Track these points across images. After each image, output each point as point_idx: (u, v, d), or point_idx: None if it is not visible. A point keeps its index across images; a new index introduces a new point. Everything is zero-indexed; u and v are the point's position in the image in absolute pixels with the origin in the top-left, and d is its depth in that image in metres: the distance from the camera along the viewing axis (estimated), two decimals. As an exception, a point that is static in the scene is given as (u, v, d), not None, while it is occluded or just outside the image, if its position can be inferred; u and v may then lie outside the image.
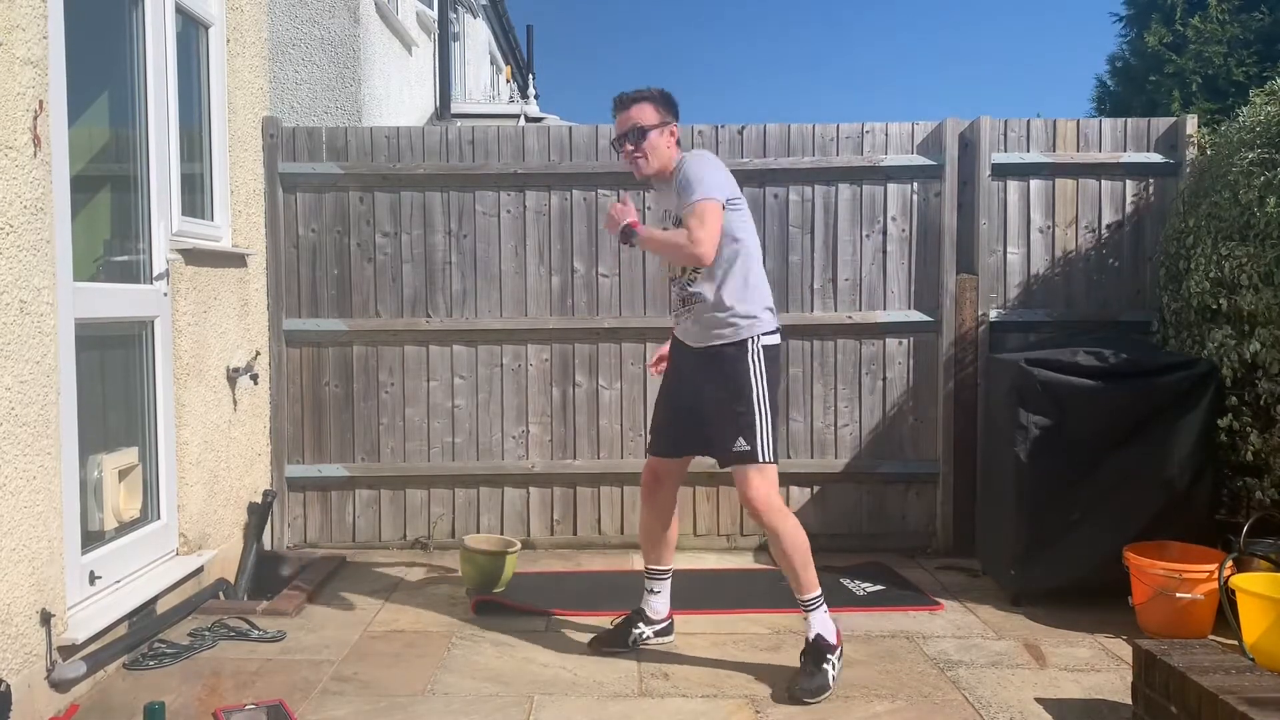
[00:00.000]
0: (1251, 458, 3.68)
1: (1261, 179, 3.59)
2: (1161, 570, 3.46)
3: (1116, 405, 3.73)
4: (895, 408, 4.69)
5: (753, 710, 2.94)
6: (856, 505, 4.72)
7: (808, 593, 3.11)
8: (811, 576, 3.10)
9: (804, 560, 3.09)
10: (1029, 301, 4.62)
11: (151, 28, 3.66)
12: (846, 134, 4.67)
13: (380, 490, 4.74)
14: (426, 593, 4.07)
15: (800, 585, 3.11)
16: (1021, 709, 2.94)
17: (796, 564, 3.08)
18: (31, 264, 2.79)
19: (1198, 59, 6.18)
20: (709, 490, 4.71)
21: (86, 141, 3.50)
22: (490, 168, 4.66)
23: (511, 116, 8.91)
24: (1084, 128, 4.62)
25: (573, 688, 3.10)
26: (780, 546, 3.08)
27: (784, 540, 3.07)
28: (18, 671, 2.71)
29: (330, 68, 6.29)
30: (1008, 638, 3.54)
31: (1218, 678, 2.50)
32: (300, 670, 3.22)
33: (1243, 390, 3.75)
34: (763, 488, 3.08)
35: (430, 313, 4.70)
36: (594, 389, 4.72)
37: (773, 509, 3.09)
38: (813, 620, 3.10)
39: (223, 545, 4.10)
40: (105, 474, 3.32)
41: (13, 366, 2.71)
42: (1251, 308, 3.66)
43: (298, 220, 4.67)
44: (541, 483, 4.74)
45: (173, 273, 3.75)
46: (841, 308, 4.67)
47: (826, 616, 3.12)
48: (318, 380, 4.70)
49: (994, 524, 4.17)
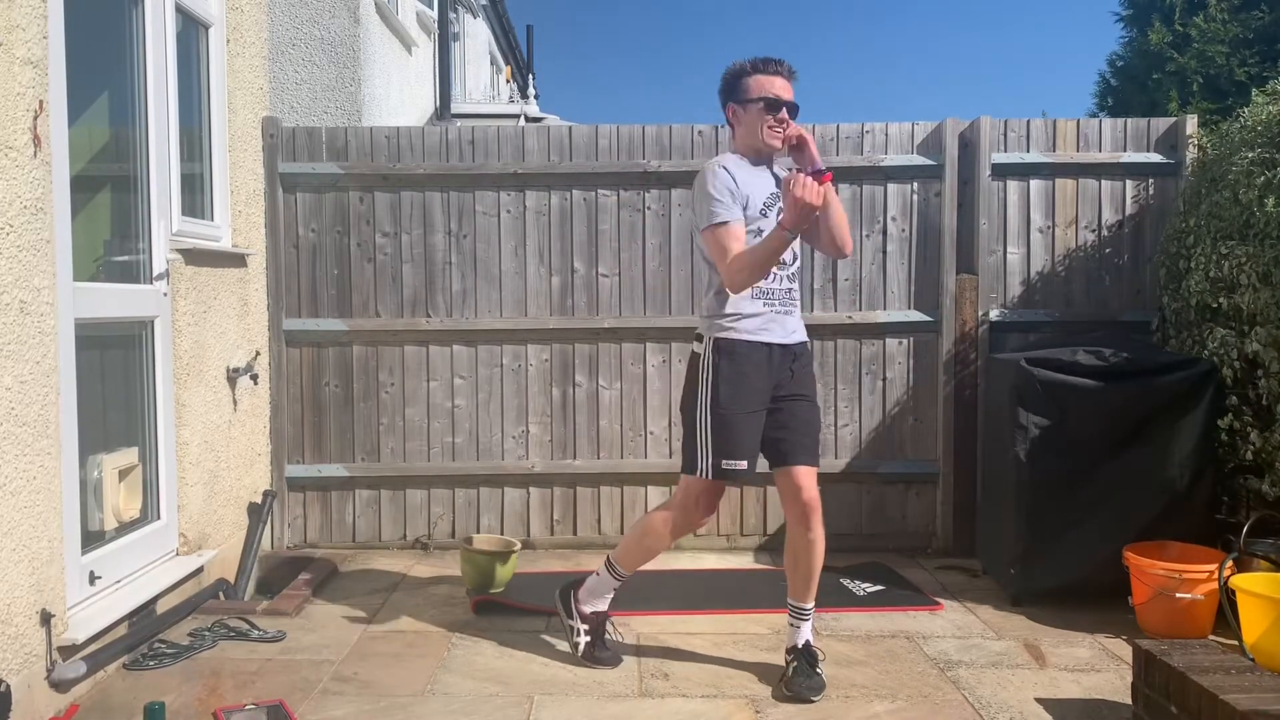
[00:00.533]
0: (1251, 457, 3.68)
1: (1261, 179, 3.59)
2: (1161, 570, 3.46)
3: (1117, 405, 3.73)
4: (895, 408, 4.69)
5: (753, 710, 2.94)
6: (856, 505, 4.72)
7: (810, 601, 3.12)
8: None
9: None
10: (1029, 301, 4.62)
11: (151, 28, 3.66)
12: (846, 134, 4.67)
13: (380, 490, 4.74)
14: (426, 593, 4.08)
15: (812, 593, 3.12)
16: (1021, 709, 2.94)
17: (818, 570, 3.10)
18: (31, 264, 2.79)
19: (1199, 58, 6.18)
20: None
21: (86, 141, 3.50)
22: (490, 168, 4.66)
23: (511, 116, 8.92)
24: (1084, 128, 4.62)
25: (573, 688, 3.10)
26: (819, 551, 3.07)
27: (820, 546, 3.07)
28: (18, 672, 2.71)
29: (330, 68, 6.29)
30: (1008, 638, 3.54)
31: (1218, 678, 2.50)
32: (300, 670, 3.22)
33: (1243, 390, 3.75)
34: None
35: (430, 313, 4.70)
36: (594, 389, 4.72)
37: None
38: (805, 629, 3.12)
39: (223, 545, 4.10)
40: (105, 474, 3.32)
41: (13, 366, 2.71)
42: (1251, 307, 3.66)
43: (298, 220, 4.67)
44: (541, 483, 4.74)
45: (173, 273, 3.75)
46: (841, 308, 4.67)
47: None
48: (318, 380, 4.70)
49: (994, 524, 4.17)
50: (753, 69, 3.03)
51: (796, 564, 3.10)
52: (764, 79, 3.01)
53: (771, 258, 2.91)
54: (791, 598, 3.14)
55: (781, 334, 3.06)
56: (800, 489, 3.04)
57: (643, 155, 4.67)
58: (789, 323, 3.08)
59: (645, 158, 4.67)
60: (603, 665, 3.25)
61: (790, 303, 3.09)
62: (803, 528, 3.05)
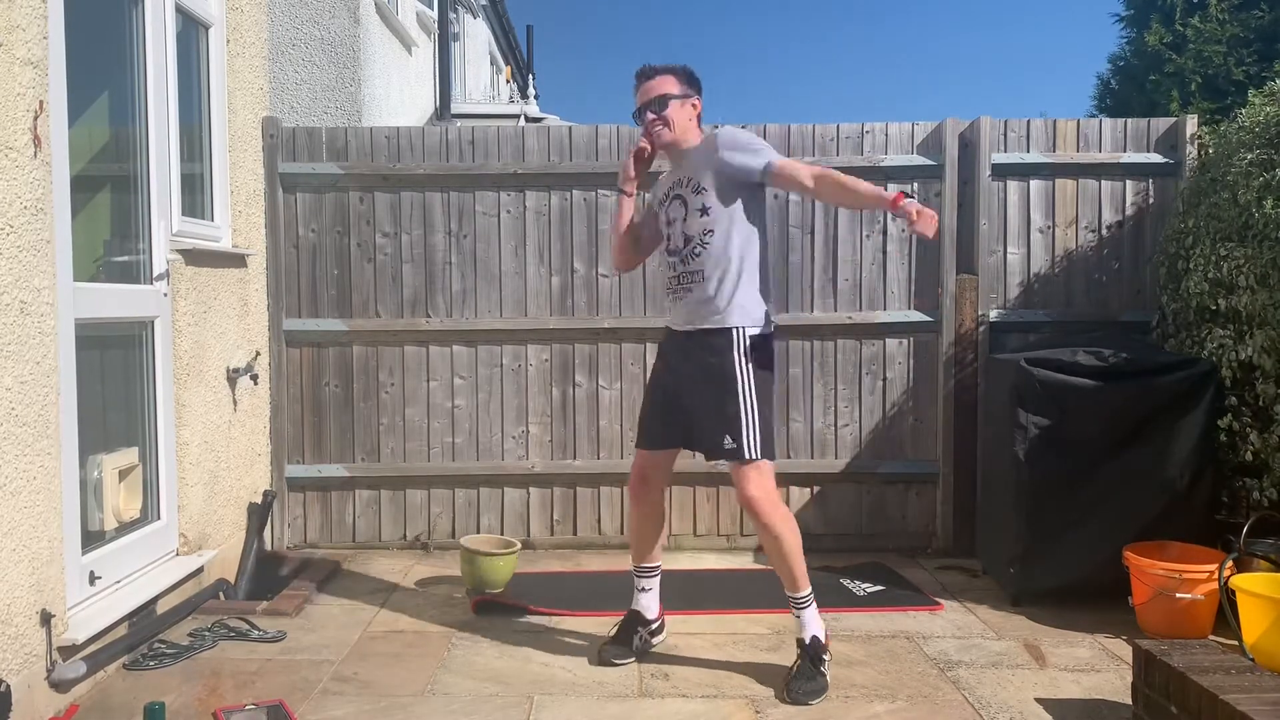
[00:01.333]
0: (1251, 458, 3.68)
1: (1260, 180, 3.59)
2: (1161, 570, 3.46)
3: (1116, 405, 3.73)
4: (895, 408, 4.70)
5: (753, 710, 2.94)
6: (856, 505, 4.72)
7: (802, 589, 3.09)
8: (805, 572, 3.09)
9: (800, 557, 3.08)
10: (1029, 301, 4.62)
11: (151, 28, 3.66)
12: (846, 134, 4.67)
13: (380, 490, 4.74)
14: (426, 593, 4.08)
15: (796, 582, 3.08)
16: (1021, 709, 2.94)
17: (793, 562, 3.07)
18: (31, 264, 2.79)
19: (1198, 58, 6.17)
20: (709, 490, 4.71)
21: (86, 141, 3.50)
22: (490, 168, 4.66)
23: (511, 117, 8.91)
24: (1084, 128, 4.62)
25: (573, 688, 3.10)
26: (770, 540, 3.06)
27: (775, 540, 3.06)
28: (18, 672, 2.71)
29: (330, 68, 6.29)
30: (1008, 638, 3.54)
31: (1218, 678, 2.50)
32: (300, 670, 3.22)
33: (1241, 391, 3.75)
34: (763, 485, 3.08)
35: (430, 313, 4.70)
36: (594, 389, 4.72)
37: (777, 506, 3.10)
38: (806, 619, 3.09)
39: (223, 545, 4.10)
40: (105, 474, 3.32)
41: (13, 367, 2.71)
42: (1249, 309, 3.66)
43: (298, 220, 4.67)
44: (541, 483, 4.74)
45: (173, 273, 3.75)
46: (841, 308, 4.68)
47: (818, 615, 3.12)
48: (318, 380, 4.70)
49: (994, 524, 4.17)
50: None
51: (768, 557, 3.16)
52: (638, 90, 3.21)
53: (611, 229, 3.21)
54: (784, 590, 3.15)
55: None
56: (736, 484, 3.11)
57: (643, 155, 4.67)
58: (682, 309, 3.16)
59: (645, 158, 4.66)
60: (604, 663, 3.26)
61: (683, 290, 3.14)
62: (753, 522, 3.12)
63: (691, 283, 3.09)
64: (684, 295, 3.12)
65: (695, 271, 3.08)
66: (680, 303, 3.15)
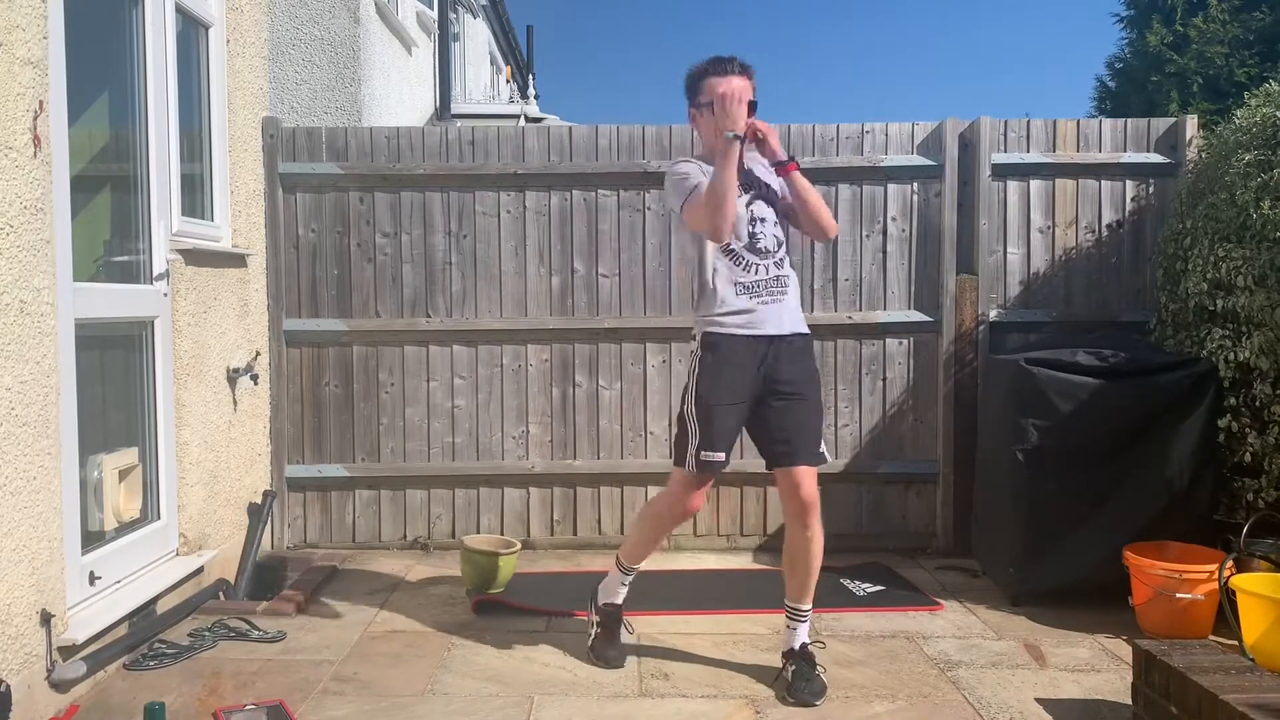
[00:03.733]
0: (1250, 459, 3.68)
1: (1258, 181, 3.60)
2: (1161, 570, 3.46)
3: (1116, 405, 3.73)
4: (895, 408, 4.70)
5: (753, 710, 2.94)
6: (856, 505, 4.72)
7: (810, 601, 3.12)
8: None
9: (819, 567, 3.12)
10: (1029, 301, 4.62)
11: (151, 28, 3.66)
12: (846, 134, 4.67)
13: (380, 490, 4.74)
14: (426, 593, 4.08)
15: (809, 593, 3.11)
16: (1021, 709, 2.94)
17: (816, 570, 3.10)
18: (31, 264, 2.79)
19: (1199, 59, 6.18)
20: (708, 491, 4.69)
21: (86, 141, 3.50)
22: (490, 168, 4.66)
23: (511, 117, 8.92)
24: (1084, 128, 4.62)
25: (573, 688, 3.10)
26: (817, 550, 3.08)
27: (818, 545, 3.08)
28: (18, 672, 2.71)
29: (330, 68, 6.30)
30: (1008, 638, 3.55)
31: (1218, 678, 2.50)
32: (300, 670, 3.22)
33: (1240, 392, 3.75)
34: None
35: (430, 313, 4.70)
36: (594, 389, 4.72)
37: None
38: (801, 631, 3.11)
39: (223, 545, 4.10)
40: (105, 474, 3.32)
41: (13, 367, 2.71)
42: (1246, 310, 3.66)
43: (298, 220, 4.67)
44: (541, 483, 4.74)
45: (173, 273, 3.75)
46: (841, 308, 4.68)
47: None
48: (318, 380, 4.70)
49: (994, 524, 4.16)
50: (708, 71, 3.08)
51: (795, 564, 3.11)
52: (718, 80, 3.04)
53: (726, 181, 2.86)
54: (789, 599, 3.13)
55: (774, 325, 3.05)
56: (798, 486, 3.05)
57: (643, 155, 4.67)
58: (780, 313, 3.06)
59: (645, 158, 4.67)
60: (604, 664, 3.26)
61: (779, 291, 3.07)
62: (800, 525, 3.06)
63: (788, 285, 3.11)
64: (781, 298, 3.08)
65: (787, 275, 3.12)
66: (776, 305, 3.06)
